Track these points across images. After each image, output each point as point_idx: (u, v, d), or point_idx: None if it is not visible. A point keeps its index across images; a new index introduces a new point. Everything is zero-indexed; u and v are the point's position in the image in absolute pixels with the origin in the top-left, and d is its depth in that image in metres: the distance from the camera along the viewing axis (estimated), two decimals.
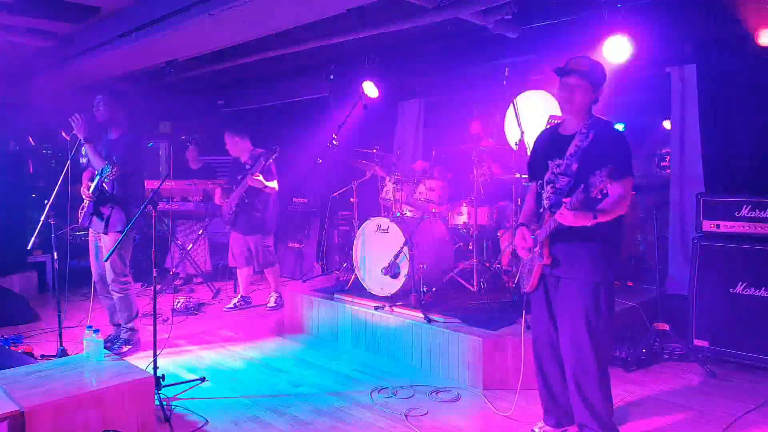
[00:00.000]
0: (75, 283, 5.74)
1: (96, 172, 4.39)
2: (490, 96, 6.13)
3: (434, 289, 4.78)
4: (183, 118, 8.69)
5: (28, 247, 4.50)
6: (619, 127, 5.23)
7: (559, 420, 3.11)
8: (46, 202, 4.19)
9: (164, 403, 3.46)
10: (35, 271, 6.76)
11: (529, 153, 3.29)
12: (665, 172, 5.53)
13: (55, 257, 4.28)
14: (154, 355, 3.60)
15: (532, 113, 5.62)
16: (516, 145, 4.98)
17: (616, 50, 4.48)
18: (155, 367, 3.55)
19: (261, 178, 5.51)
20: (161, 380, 3.59)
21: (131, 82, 7.24)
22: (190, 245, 6.77)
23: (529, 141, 3.28)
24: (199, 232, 6.80)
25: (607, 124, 2.88)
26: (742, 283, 4.00)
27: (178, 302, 5.84)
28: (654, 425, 3.29)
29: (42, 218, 4.18)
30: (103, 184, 4.39)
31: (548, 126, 3.36)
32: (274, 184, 5.69)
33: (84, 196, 4.48)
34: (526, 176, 3.43)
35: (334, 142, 5.49)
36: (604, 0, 4.40)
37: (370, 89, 6.28)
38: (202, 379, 4.02)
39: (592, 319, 2.81)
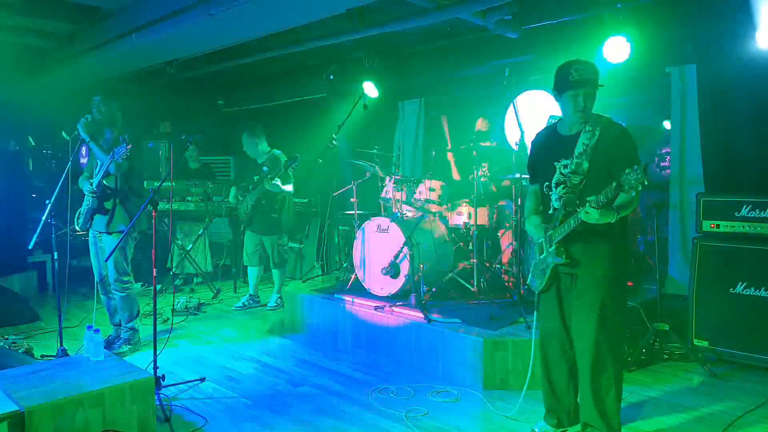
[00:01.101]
0: (75, 283, 5.75)
1: (94, 172, 4.41)
2: (490, 96, 6.13)
3: (434, 289, 4.78)
4: (183, 118, 8.68)
5: (30, 247, 4.51)
6: None
7: (560, 420, 3.11)
8: (47, 202, 4.19)
9: (164, 403, 3.47)
10: (35, 271, 6.76)
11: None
12: (665, 172, 5.52)
13: (55, 257, 4.28)
14: (154, 355, 3.60)
15: (532, 113, 5.61)
16: (516, 145, 4.97)
17: (616, 50, 4.48)
18: (155, 367, 3.55)
19: (278, 182, 5.57)
20: (161, 380, 3.59)
21: (131, 81, 7.24)
22: (190, 245, 6.77)
23: (529, 141, 3.27)
24: (199, 233, 6.80)
25: (609, 120, 2.90)
26: (742, 283, 3.99)
27: (178, 302, 5.85)
28: (654, 425, 3.29)
29: (43, 218, 4.18)
30: (104, 181, 4.39)
31: (545, 127, 3.35)
32: (290, 186, 5.76)
33: (87, 193, 4.48)
34: (527, 176, 3.42)
35: (334, 142, 5.50)
36: (604, 0, 4.40)
37: (370, 89, 6.27)
38: (202, 379, 4.02)
39: (610, 314, 2.82)
